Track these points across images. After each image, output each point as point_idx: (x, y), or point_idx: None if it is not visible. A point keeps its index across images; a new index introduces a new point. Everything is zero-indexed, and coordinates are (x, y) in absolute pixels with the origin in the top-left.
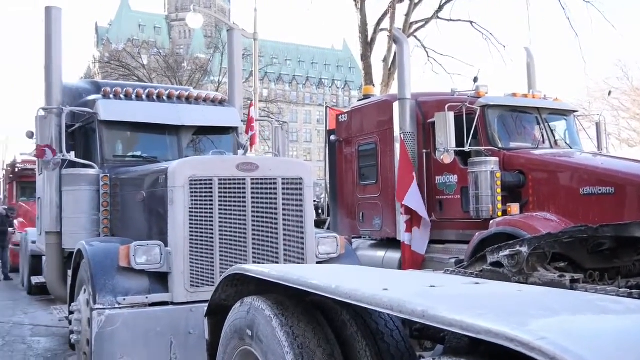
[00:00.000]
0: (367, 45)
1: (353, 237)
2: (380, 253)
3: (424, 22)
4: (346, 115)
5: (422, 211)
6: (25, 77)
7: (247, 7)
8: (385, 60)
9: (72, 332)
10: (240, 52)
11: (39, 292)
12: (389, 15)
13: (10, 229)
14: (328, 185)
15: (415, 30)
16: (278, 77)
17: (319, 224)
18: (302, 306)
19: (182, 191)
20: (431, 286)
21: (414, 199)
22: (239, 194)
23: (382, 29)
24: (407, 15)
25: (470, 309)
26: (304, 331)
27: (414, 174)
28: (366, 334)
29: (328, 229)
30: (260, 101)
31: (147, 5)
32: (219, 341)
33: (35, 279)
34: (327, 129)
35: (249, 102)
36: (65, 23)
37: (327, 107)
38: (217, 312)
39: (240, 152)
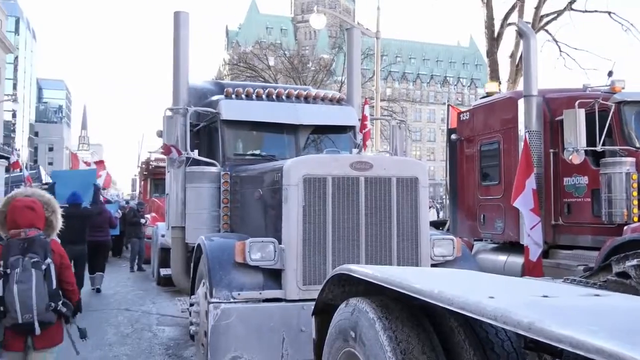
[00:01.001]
0: (494, 40)
1: (475, 240)
2: (502, 257)
3: (555, 15)
4: (468, 113)
5: (528, 216)
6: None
7: (371, 6)
8: (512, 55)
9: (191, 323)
10: (359, 51)
11: (167, 283)
12: (517, 9)
13: (143, 220)
14: (448, 186)
15: (546, 24)
16: (402, 75)
17: (437, 225)
18: (408, 310)
19: (296, 189)
20: (544, 296)
21: (525, 201)
22: (353, 192)
23: (509, 24)
24: (537, 7)
25: (584, 324)
26: (408, 336)
27: (532, 175)
28: (474, 343)
29: (448, 230)
30: (382, 100)
31: (275, 8)
32: (325, 340)
33: (163, 271)
34: (449, 127)
35: (365, 99)
36: (198, 28)
37: (448, 105)
38: (324, 311)
39: (355, 151)
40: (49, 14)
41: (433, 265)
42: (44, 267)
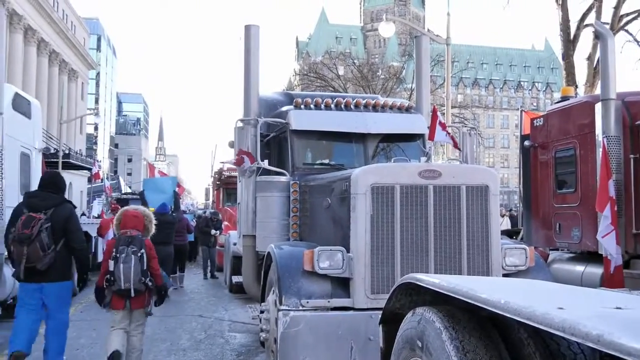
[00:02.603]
0: (569, 43)
1: (550, 250)
2: (579, 268)
3: (636, 14)
4: (542, 119)
5: (603, 224)
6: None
7: (441, 13)
8: (589, 58)
9: (262, 330)
10: (428, 59)
11: (239, 290)
12: (594, 9)
13: (213, 231)
14: (522, 194)
15: (626, 24)
16: (474, 81)
17: (511, 234)
18: (475, 320)
19: (364, 198)
20: (617, 307)
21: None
22: (421, 201)
23: (586, 25)
24: (616, 7)
25: None
26: (475, 347)
27: (611, 182)
28: (545, 356)
29: (521, 239)
30: (453, 107)
31: (344, 17)
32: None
33: (235, 278)
34: (522, 134)
35: (433, 107)
36: (269, 40)
37: (521, 110)
38: (392, 320)
39: (423, 159)
40: (128, 32)
41: (505, 275)
42: (139, 255)
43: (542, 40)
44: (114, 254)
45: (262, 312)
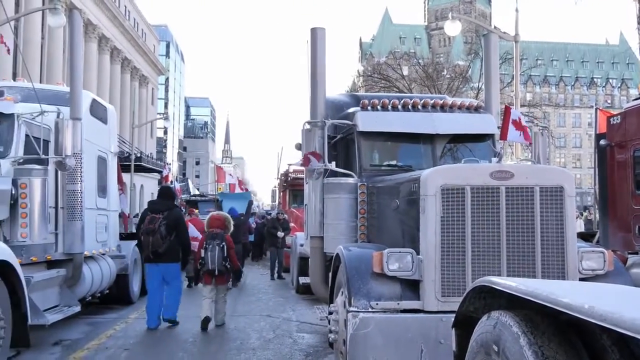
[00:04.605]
0: None
1: (629, 253)
2: None
3: None
4: (619, 117)
5: None
6: (298, 91)
7: (508, 9)
8: None
9: (330, 331)
10: (497, 57)
11: (306, 291)
12: None
13: (279, 233)
14: (598, 195)
15: None
16: (543, 79)
17: (586, 237)
18: (555, 325)
19: (433, 200)
20: None
21: None
22: (493, 202)
23: None
24: None
25: None
26: (555, 353)
27: None
28: None
29: (597, 243)
30: (522, 106)
31: (408, 17)
32: (466, 353)
33: (302, 279)
34: (597, 132)
35: (504, 106)
36: (332, 41)
37: (596, 108)
38: (464, 324)
39: (495, 159)
40: (195, 37)
41: (581, 280)
42: (221, 246)
43: (616, 34)
44: (204, 245)
45: (330, 313)
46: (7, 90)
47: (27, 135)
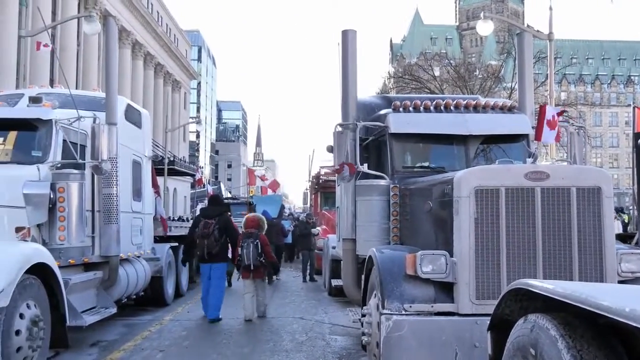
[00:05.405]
0: None
1: None
2: None
3: None
4: None
5: None
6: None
7: (542, 7)
8: None
9: (363, 333)
10: (531, 56)
11: (338, 293)
12: None
13: (315, 229)
14: (637, 196)
15: None
16: (578, 77)
17: (624, 238)
18: (594, 329)
19: (467, 201)
20: None
21: None
22: (528, 204)
23: None
24: None
25: None
26: (595, 357)
27: None
28: None
29: (636, 244)
30: (557, 105)
31: (439, 17)
32: (502, 357)
33: (334, 282)
34: (635, 131)
35: (539, 106)
36: (362, 43)
37: (634, 107)
38: (500, 327)
39: (529, 160)
40: (226, 41)
41: (620, 282)
42: (255, 243)
43: None
44: (241, 244)
45: (363, 315)
46: (45, 97)
47: (64, 141)
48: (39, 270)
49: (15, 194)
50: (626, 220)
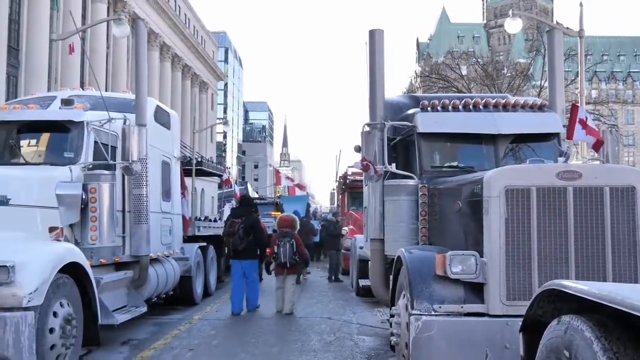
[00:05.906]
0: None
1: None
2: None
3: None
4: None
5: None
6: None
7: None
8: None
9: (392, 334)
10: (562, 53)
11: (365, 294)
12: None
13: (344, 229)
14: None
15: None
16: (609, 75)
17: None
18: (631, 331)
19: (497, 201)
20: None
21: None
22: (560, 204)
23: None
24: None
25: None
26: (632, 359)
27: None
28: None
29: None
30: (588, 103)
31: (466, 16)
32: (534, 358)
33: (362, 282)
34: None
35: (570, 104)
36: (389, 43)
37: None
38: (533, 328)
39: (561, 159)
40: (253, 42)
41: None
42: (290, 242)
43: None
44: (277, 242)
45: (392, 316)
46: (77, 99)
47: (95, 142)
48: (72, 270)
49: (49, 195)
50: None
